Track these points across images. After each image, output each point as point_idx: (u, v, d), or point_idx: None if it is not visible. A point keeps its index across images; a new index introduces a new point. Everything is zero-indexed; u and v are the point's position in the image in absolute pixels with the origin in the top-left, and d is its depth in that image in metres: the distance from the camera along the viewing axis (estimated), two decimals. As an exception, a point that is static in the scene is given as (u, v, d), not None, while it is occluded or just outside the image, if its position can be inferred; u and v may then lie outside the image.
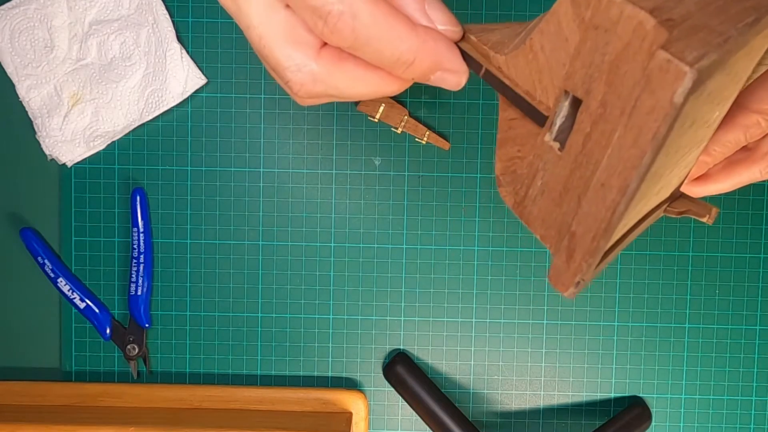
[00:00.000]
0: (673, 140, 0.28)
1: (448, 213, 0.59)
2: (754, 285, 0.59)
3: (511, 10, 0.57)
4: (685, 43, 0.24)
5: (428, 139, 0.58)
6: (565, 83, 0.29)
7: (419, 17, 0.29)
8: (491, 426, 0.60)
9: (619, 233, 0.33)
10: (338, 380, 0.60)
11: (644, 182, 0.28)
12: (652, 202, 0.35)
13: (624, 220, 0.30)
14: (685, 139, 0.31)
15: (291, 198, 0.59)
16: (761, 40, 0.31)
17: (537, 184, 0.33)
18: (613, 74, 0.26)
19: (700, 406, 0.60)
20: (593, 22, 0.26)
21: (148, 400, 0.59)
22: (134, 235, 0.58)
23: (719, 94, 0.31)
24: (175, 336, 0.59)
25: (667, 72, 0.24)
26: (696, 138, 0.33)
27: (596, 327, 0.59)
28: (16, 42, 0.57)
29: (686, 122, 0.28)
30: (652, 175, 0.29)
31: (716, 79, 0.28)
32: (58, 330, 0.60)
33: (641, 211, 0.35)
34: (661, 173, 0.31)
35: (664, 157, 0.28)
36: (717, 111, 0.34)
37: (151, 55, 0.57)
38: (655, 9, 0.26)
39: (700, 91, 0.26)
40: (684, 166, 0.37)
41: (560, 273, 0.32)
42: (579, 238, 0.30)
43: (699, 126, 0.31)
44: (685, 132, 0.30)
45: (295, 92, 0.30)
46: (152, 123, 0.58)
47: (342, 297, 0.59)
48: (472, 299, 0.59)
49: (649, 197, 0.33)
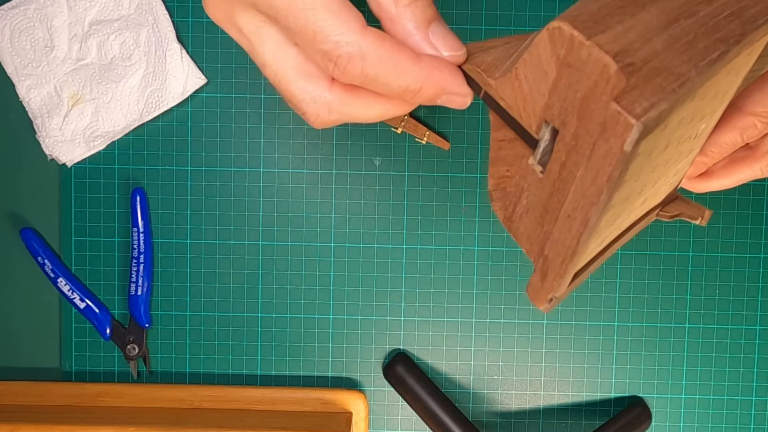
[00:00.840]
0: (642, 167, 0.30)
1: (448, 213, 0.59)
2: (754, 285, 0.59)
3: (511, 10, 0.57)
4: (639, 92, 0.26)
5: (428, 139, 0.58)
6: (544, 113, 0.30)
7: (424, 47, 0.31)
8: (491, 426, 0.60)
9: (595, 250, 0.35)
10: (338, 380, 0.60)
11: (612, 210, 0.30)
12: (635, 214, 0.36)
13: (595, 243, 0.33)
14: (663, 158, 0.32)
15: (291, 198, 0.59)
16: (744, 59, 0.32)
17: (522, 203, 0.34)
18: (583, 110, 0.28)
19: (700, 406, 0.60)
20: (567, 61, 0.28)
21: (148, 400, 0.59)
22: (134, 235, 0.58)
23: (699, 114, 0.32)
24: (175, 336, 0.59)
25: (617, 123, 0.26)
26: (680, 151, 0.35)
27: (596, 327, 0.59)
28: (16, 42, 0.57)
29: (656, 149, 0.30)
30: (623, 200, 0.31)
31: (685, 108, 0.29)
32: (58, 330, 0.60)
33: (621, 225, 0.36)
34: (638, 192, 0.33)
35: (633, 182, 0.30)
36: (702, 125, 0.35)
37: (151, 55, 0.57)
38: (621, 52, 0.27)
39: (662, 126, 0.28)
40: (674, 174, 0.38)
41: (536, 290, 0.34)
42: (550, 262, 0.33)
43: (680, 143, 0.33)
44: (659, 154, 0.31)
45: (312, 122, 0.32)
46: (152, 123, 0.58)
47: (342, 297, 0.59)
48: (472, 299, 0.59)
49: (629, 212, 0.35)
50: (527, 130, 0.32)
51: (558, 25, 0.28)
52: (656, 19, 0.30)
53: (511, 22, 0.57)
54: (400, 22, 0.30)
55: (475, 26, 0.57)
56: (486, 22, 0.57)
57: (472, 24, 0.57)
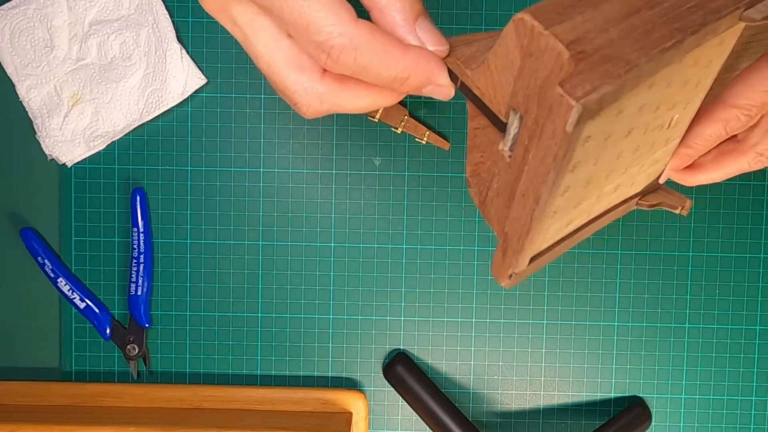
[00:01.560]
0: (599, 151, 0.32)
1: (448, 213, 0.59)
2: (754, 285, 0.59)
3: (511, 10, 0.57)
4: (584, 77, 0.28)
5: (428, 139, 0.58)
6: (511, 100, 0.32)
7: (411, 39, 0.32)
8: (491, 426, 0.60)
9: (560, 231, 0.37)
10: (338, 380, 0.60)
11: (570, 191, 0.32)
12: (608, 201, 0.38)
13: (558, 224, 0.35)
14: (627, 145, 0.34)
15: (291, 198, 0.59)
16: (714, 49, 0.33)
17: (493, 187, 0.36)
18: (542, 96, 0.30)
19: (700, 406, 0.60)
20: (529, 50, 0.30)
21: (148, 400, 0.59)
22: (134, 235, 0.58)
23: (666, 102, 0.34)
24: (175, 336, 0.59)
25: (560, 105, 0.28)
26: (651, 140, 0.36)
27: (596, 327, 0.59)
28: (16, 42, 0.57)
29: (613, 135, 0.32)
30: (583, 183, 0.33)
31: (643, 95, 0.31)
32: (58, 330, 0.60)
33: (591, 210, 0.38)
34: (605, 177, 0.35)
35: (591, 165, 0.32)
36: (674, 114, 0.36)
37: (151, 55, 0.57)
38: (575, 41, 0.29)
39: (614, 111, 0.30)
40: (651, 164, 0.39)
41: (498, 266, 0.36)
42: (509, 239, 0.35)
43: (648, 131, 0.34)
44: (620, 140, 0.33)
45: (303, 112, 0.33)
46: (152, 123, 0.58)
47: (342, 297, 0.59)
48: (472, 299, 0.59)
49: (597, 197, 0.36)
50: (498, 117, 0.34)
51: (521, 17, 0.29)
52: (618, 10, 0.32)
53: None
54: (390, 14, 0.31)
55: (475, 26, 0.57)
56: (486, 22, 0.57)
57: (472, 24, 0.57)
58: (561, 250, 0.38)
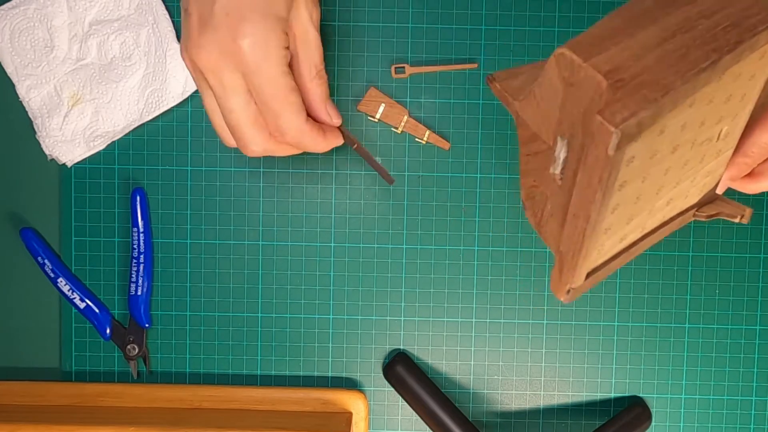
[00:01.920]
0: (646, 169, 0.34)
1: (448, 213, 0.59)
2: (754, 285, 0.59)
3: (511, 10, 0.57)
4: (623, 104, 0.31)
5: (428, 139, 0.58)
6: (557, 128, 0.35)
7: (323, 116, 0.47)
8: (491, 426, 0.60)
9: (614, 247, 0.39)
10: (338, 380, 0.60)
11: (619, 209, 0.34)
12: (661, 215, 0.40)
13: (612, 241, 0.37)
14: (675, 161, 0.36)
15: (291, 198, 0.59)
16: (756, 62, 0.35)
17: (547, 209, 0.39)
18: (585, 123, 0.32)
19: (700, 406, 0.60)
20: (570, 81, 0.32)
21: (148, 400, 0.59)
22: (134, 235, 0.58)
23: (711, 117, 0.35)
24: (175, 336, 0.59)
25: (601, 131, 0.30)
26: (700, 154, 0.37)
27: (596, 327, 0.59)
28: (16, 42, 0.57)
29: (658, 153, 0.34)
30: (632, 200, 0.35)
31: (684, 114, 0.33)
32: (58, 330, 0.60)
33: (645, 224, 0.39)
34: (655, 193, 0.37)
35: (639, 183, 0.34)
36: (722, 127, 0.37)
37: (151, 55, 0.57)
38: (613, 70, 0.32)
39: (656, 131, 0.32)
40: (704, 176, 0.40)
41: (555, 282, 0.39)
42: (564, 256, 0.37)
43: (695, 145, 0.36)
44: (666, 157, 0.35)
45: (248, 153, 0.46)
46: (152, 123, 0.58)
47: (342, 297, 0.59)
48: (472, 299, 0.59)
49: (649, 212, 0.38)
50: (547, 143, 0.37)
51: (561, 51, 0.32)
52: (653, 37, 0.35)
53: (511, 22, 0.57)
54: (310, 95, 0.46)
55: (475, 26, 0.57)
56: (486, 22, 0.57)
57: (472, 24, 0.57)
58: (618, 265, 0.40)
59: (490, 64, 0.58)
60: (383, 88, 0.58)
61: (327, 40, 0.58)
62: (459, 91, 0.58)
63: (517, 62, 0.57)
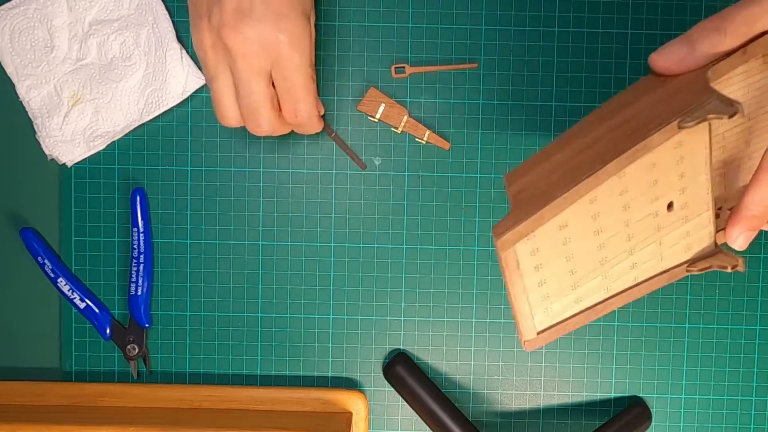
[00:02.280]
0: (569, 251, 0.42)
1: (448, 213, 0.59)
2: (754, 285, 0.59)
3: (511, 10, 0.57)
4: (511, 216, 0.41)
5: (428, 139, 0.58)
6: None
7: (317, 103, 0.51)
8: (491, 426, 0.60)
9: (568, 309, 0.45)
10: (338, 380, 0.60)
11: (546, 284, 0.43)
12: (632, 276, 0.45)
13: (549, 305, 0.44)
14: (604, 239, 0.42)
15: (291, 198, 0.59)
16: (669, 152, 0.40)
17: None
18: None
19: (700, 406, 0.60)
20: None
21: (148, 400, 0.59)
22: (134, 235, 0.58)
23: (640, 198, 0.41)
24: (175, 336, 0.59)
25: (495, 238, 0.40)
26: (647, 227, 0.43)
27: (596, 327, 0.59)
28: (16, 42, 0.57)
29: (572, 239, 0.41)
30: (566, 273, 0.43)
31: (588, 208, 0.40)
32: (58, 330, 0.60)
33: (609, 287, 0.45)
34: (598, 264, 0.43)
35: (566, 262, 0.42)
36: (663, 202, 0.42)
37: (151, 55, 0.57)
38: (521, 191, 0.43)
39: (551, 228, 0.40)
40: (679, 239, 0.44)
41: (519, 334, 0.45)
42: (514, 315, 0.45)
43: (631, 224, 0.42)
44: (586, 240, 0.42)
45: (257, 132, 0.50)
46: (152, 123, 0.58)
47: (342, 297, 0.59)
48: (472, 299, 0.59)
49: (608, 277, 0.44)
50: None
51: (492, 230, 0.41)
52: (565, 157, 0.43)
53: (511, 22, 0.57)
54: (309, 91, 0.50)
55: (475, 26, 0.57)
56: (486, 22, 0.57)
57: (472, 24, 0.57)
58: (591, 317, 0.45)
59: (490, 64, 0.58)
60: (383, 88, 0.58)
61: (327, 40, 0.58)
62: (459, 91, 0.58)
63: (516, 62, 0.57)
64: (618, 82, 0.57)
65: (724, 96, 0.37)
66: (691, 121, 0.37)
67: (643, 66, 0.57)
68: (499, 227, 0.41)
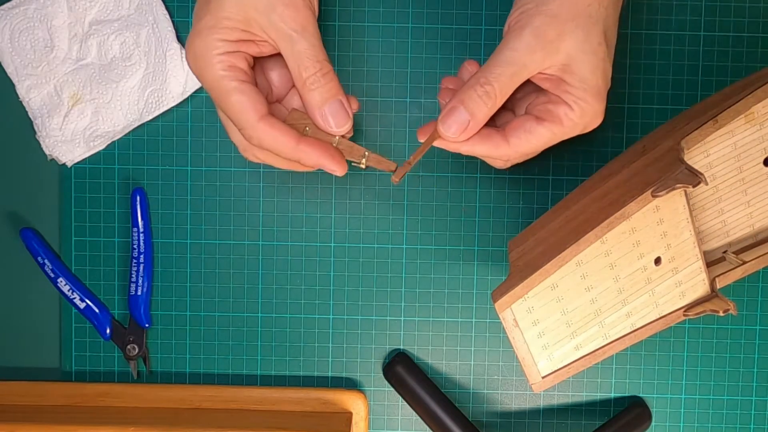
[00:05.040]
0: (564, 307, 0.47)
1: (448, 213, 0.59)
2: (754, 285, 0.59)
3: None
4: (506, 283, 0.47)
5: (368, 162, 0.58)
6: None
7: (319, 122, 0.45)
8: (491, 426, 0.60)
9: (569, 356, 0.49)
10: (338, 380, 0.60)
11: (546, 335, 0.48)
12: (628, 324, 0.49)
13: (551, 352, 0.48)
14: (596, 294, 0.47)
15: (291, 198, 0.59)
16: (647, 216, 0.44)
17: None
18: None
19: (700, 406, 0.60)
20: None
21: (148, 400, 0.59)
22: (134, 235, 0.58)
23: (629, 257, 0.46)
24: (175, 336, 0.59)
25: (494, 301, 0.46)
26: (637, 281, 0.47)
27: (596, 327, 0.59)
28: (16, 42, 0.57)
29: (564, 297, 0.46)
30: (563, 325, 0.47)
31: (576, 270, 0.45)
32: (58, 330, 0.60)
33: (607, 334, 0.49)
34: (593, 315, 0.48)
35: (562, 315, 0.47)
36: (650, 258, 0.46)
37: (151, 55, 0.57)
38: (518, 257, 0.50)
39: (543, 288, 0.46)
40: (671, 287, 0.49)
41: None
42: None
43: (620, 279, 0.46)
44: (577, 297, 0.46)
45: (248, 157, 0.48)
46: (152, 123, 0.58)
47: (342, 297, 0.59)
48: (472, 299, 0.59)
49: (604, 326, 0.48)
50: None
51: (492, 295, 0.47)
52: (558, 225, 0.48)
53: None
54: (305, 100, 0.45)
55: (475, 26, 0.57)
56: (486, 23, 0.57)
57: (472, 24, 0.57)
58: (590, 362, 0.49)
59: (490, 64, 0.57)
60: (383, 88, 0.58)
61: (327, 40, 0.58)
62: (459, 91, 0.58)
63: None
64: (618, 82, 0.57)
65: (691, 167, 0.42)
66: (662, 190, 0.42)
67: (643, 66, 0.57)
68: (497, 292, 0.46)
